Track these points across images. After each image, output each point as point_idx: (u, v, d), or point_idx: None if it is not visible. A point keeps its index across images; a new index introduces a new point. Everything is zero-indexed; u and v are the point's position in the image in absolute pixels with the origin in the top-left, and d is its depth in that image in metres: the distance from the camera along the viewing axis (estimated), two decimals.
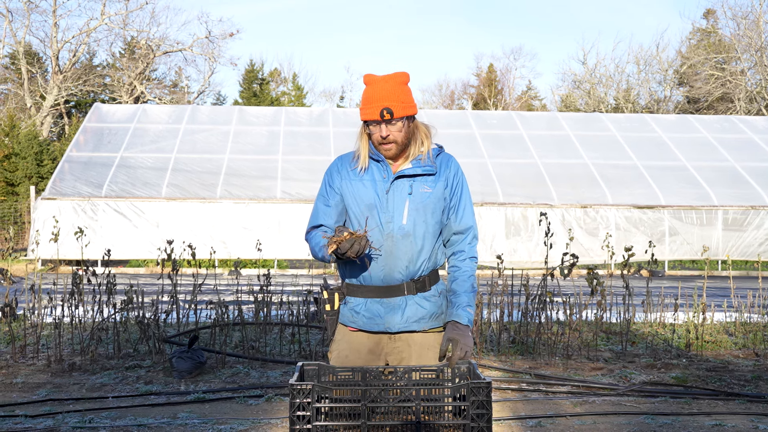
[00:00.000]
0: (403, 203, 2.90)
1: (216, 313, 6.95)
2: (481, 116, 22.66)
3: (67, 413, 4.96)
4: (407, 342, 2.94)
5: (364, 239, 2.68)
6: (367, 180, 2.93)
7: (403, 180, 2.92)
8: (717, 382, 5.96)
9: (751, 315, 8.30)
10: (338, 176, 2.99)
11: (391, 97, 2.83)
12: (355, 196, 2.93)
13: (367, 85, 2.91)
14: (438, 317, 2.98)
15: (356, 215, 2.93)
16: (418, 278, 2.93)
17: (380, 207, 2.90)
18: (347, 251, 2.66)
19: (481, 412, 2.38)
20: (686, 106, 39.68)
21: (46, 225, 15.91)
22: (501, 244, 17.04)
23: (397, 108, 2.83)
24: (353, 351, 2.95)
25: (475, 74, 52.09)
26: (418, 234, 2.90)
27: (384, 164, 2.93)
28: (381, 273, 2.89)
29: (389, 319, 2.91)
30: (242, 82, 43.38)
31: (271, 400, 5.33)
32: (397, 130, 2.87)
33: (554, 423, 4.84)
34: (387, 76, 2.91)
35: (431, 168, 2.93)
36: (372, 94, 2.86)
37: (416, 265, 2.91)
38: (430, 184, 2.93)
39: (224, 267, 16.44)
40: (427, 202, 2.91)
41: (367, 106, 2.86)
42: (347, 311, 2.98)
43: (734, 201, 18.01)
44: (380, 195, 2.90)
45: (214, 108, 25.55)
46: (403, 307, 2.91)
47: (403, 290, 2.91)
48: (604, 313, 7.24)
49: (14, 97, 36.65)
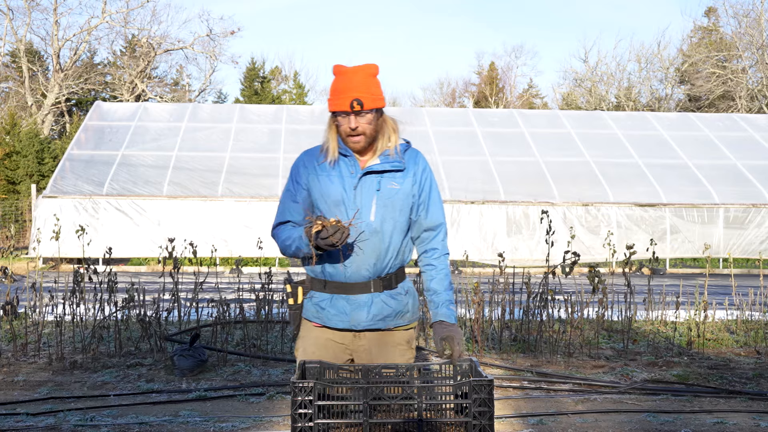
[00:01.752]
0: (370, 200, 2.86)
1: (217, 311, 6.95)
2: (483, 114, 22.64)
3: (68, 411, 4.96)
4: (372, 340, 2.92)
5: (347, 230, 2.65)
6: (335, 176, 2.88)
7: (372, 176, 2.87)
8: (718, 380, 5.95)
9: (752, 313, 8.29)
10: (305, 171, 2.94)
11: (362, 88, 2.79)
12: (322, 192, 2.88)
13: (337, 75, 2.85)
14: (403, 315, 2.96)
15: (323, 212, 2.89)
16: (385, 276, 2.91)
17: (348, 202, 2.85)
18: (330, 236, 2.63)
19: (483, 409, 2.38)
20: (687, 104, 39.64)
21: (48, 223, 15.90)
22: (502, 242, 17.03)
23: (367, 99, 2.78)
24: (319, 347, 2.91)
25: (477, 72, 52.10)
26: (386, 231, 2.86)
27: (352, 159, 2.88)
28: (348, 269, 2.86)
29: (355, 316, 2.88)
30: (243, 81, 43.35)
31: (273, 398, 5.33)
32: (366, 123, 2.82)
33: (556, 421, 4.84)
34: (357, 67, 2.86)
35: (400, 164, 2.90)
36: (342, 84, 2.81)
37: (384, 262, 2.88)
38: (398, 180, 2.89)
39: (226, 265, 16.45)
40: (395, 199, 2.88)
41: (337, 96, 2.81)
42: (312, 306, 2.95)
43: (736, 199, 17.99)
44: (348, 191, 2.86)
45: (215, 106, 25.54)
46: (369, 304, 2.88)
47: (369, 287, 2.88)
48: (606, 311, 7.24)
49: (15, 95, 36.66)
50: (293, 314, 2.98)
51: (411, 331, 3.02)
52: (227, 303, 7.03)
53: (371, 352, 2.92)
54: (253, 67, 43.15)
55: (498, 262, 7.71)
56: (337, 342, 2.93)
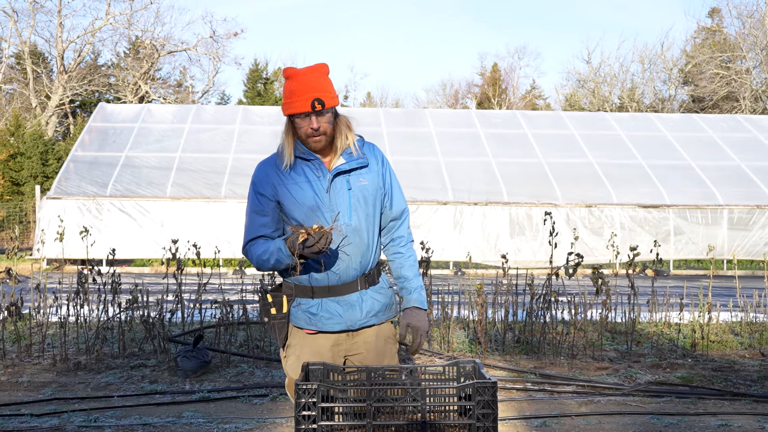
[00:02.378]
0: (345, 200, 2.86)
1: (221, 312, 6.95)
2: (486, 115, 22.64)
3: (72, 412, 4.97)
4: (366, 337, 2.95)
5: (330, 235, 2.65)
6: (303, 181, 2.86)
7: (341, 176, 2.88)
8: (723, 382, 5.94)
9: (757, 315, 8.27)
10: (268, 183, 2.90)
11: (320, 87, 2.79)
12: (295, 201, 2.85)
13: (291, 78, 2.83)
14: (390, 308, 3.01)
15: (298, 219, 2.85)
16: (369, 272, 2.92)
17: (323, 207, 2.84)
18: (315, 244, 2.62)
19: (486, 411, 2.38)
20: (691, 105, 39.58)
21: (51, 224, 15.93)
22: (505, 243, 17.02)
23: (326, 99, 2.78)
24: (314, 354, 2.90)
25: (479, 73, 52.11)
26: (365, 228, 2.88)
27: (317, 162, 2.87)
28: (337, 271, 2.86)
29: (349, 316, 2.89)
30: (246, 82, 43.40)
31: (276, 400, 5.33)
32: (327, 122, 2.82)
33: (559, 423, 4.83)
34: (310, 67, 2.86)
35: (363, 160, 2.91)
36: (299, 86, 2.79)
37: (367, 258, 2.90)
38: (365, 176, 2.91)
39: (229, 266, 16.46)
40: (367, 195, 2.90)
41: (295, 98, 2.78)
42: (301, 313, 2.91)
43: (740, 200, 17.96)
44: (320, 195, 2.85)
45: (218, 107, 25.58)
46: (360, 302, 2.90)
47: (356, 286, 2.90)
48: (609, 312, 7.23)
49: (19, 97, 36.75)
50: (279, 324, 2.94)
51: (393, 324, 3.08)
52: (230, 304, 7.03)
53: (366, 347, 2.94)
54: (256, 68, 43.20)
55: (501, 264, 7.71)
56: (332, 345, 2.93)
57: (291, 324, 2.96)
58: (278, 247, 2.79)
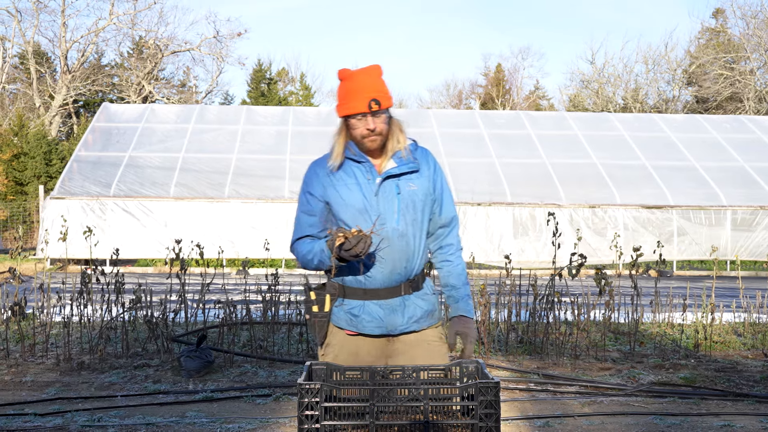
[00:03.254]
0: (393, 204, 2.84)
1: (224, 312, 6.96)
2: (489, 116, 22.63)
3: (76, 412, 4.98)
4: (407, 343, 2.91)
5: (370, 239, 2.64)
6: (352, 183, 2.85)
7: (390, 180, 2.86)
8: (726, 383, 5.93)
9: (760, 315, 8.26)
10: (318, 184, 2.90)
11: (376, 88, 2.79)
12: (344, 202, 2.85)
13: (346, 79, 2.83)
14: (433, 314, 2.97)
15: (345, 221, 2.84)
16: (413, 278, 2.90)
17: (371, 210, 2.82)
18: (353, 248, 2.61)
19: (489, 411, 2.38)
20: (695, 106, 39.52)
21: (55, 224, 15.97)
22: (509, 243, 17.02)
23: (383, 99, 2.78)
24: (352, 355, 2.89)
25: (483, 74, 52.04)
26: (411, 233, 2.85)
27: (367, 165, 2.86)
28: (380, 275, 2.84)
29: (391, 321, 2.87)
30: (250, 82, 43.44)
31: (279, 400, 5.34)
32: (382, 122, 2.81)
33: (562, 423, 4.83)
34: (365, 68, 2.86)
35: (415, 165, 2.88)
36: (355, 86, 2.79)
37: (412, 264, 2.87)
38: (415, 181, 2.88)
39: (232, 266, 16.46)
40: (416, 200, 2.87)
41: (352, 99, 2.78)
42: (343, 314, 2.90)
43: (743, 201, 17.94)
44: (369, 197, 2.83)
45: (222, 108, 25.61)
46: (403, 308, 2.88)
47: (400, 291, 2.88)
48: (613, 313, 7.23)
49: (23, 97, 36.82)
50: (320, 322, 2.92)
51: (440, 328, 3.02)
52: (234, 304, 7.05)
53: (407, 354, 2.90)
54: (260, 68, 43.24)
55: (504, 264, 7.71)
56: (371, 348, 2.91)
57: (332, 323, 2.94)
58: (321, 248, 2.78)
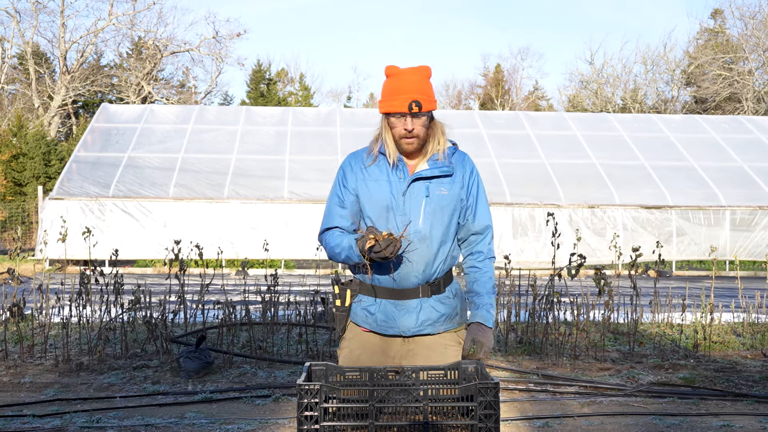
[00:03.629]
0: (419, 205, 2.83)
1: (223, 313, 6.96)
2: (489, 116, 22.64)
3: (74, 413, 4.98)
4: (421, 345, 2.90)
5: (399, 243, 2.63)
6: (383, 180, 2.85)
7: (420, 182, 2.85)
8: (725, 383, 5.93)
9: (759, 315, 8.27)
10: (352, 176, 2.90)
11: (419, 89, 2.77)
12: (371, 198, 2.85)
13: (392, 76, 2.83)
14: (452, 319, 2.94)
15: (371, 217, 2.86)
16: (434, 281, 2.89)
17: (396, 209, 2.83)
18: (383, 250, 2.61)
19: (488, 412, 2.38)
20: (694, 106, 39.55)
21: (54, 225, 15.97)
22: (508, 244, 17.02)
23: (425, 102, 2.76)
24: (366, 351, 2.90)
25: (483, 74, 52.09)
26: (435, 237, 2.84)
27: (400, 164, 2.85)
28: (397, 275, 2.83)
29: (403, 321, 2.86)
30: (249, 83, 43.45)
31: (279, 401, 5.34)
32: (421, 125, 2.80)
33: (562, 423, 4.83)
34: (413, 68, 2.84)
35: (448, 169, 2.87)
36: (399, 85, 2.77)
37: (432, 268, 2.86)
38: (446, 185, 2.87)
39: (231, 267, 16.46)
40: (444, 205, 2.85)
41: (394, 97, 2.77)
42: (360, 310, 2.92)
43: (742, 201, 17.95)
44: (396, 197, 2.83)
45: (221, 108, 25.60)
46: (418, 310, 2.87)
47: (418, 293, 2.86)
48: (612, 313, 7.23)
49: (22, 98, 36.81)
50: (340, 316, 2.95)
51: (462, 331, 3.00)
52: (233, 305, 7.04)
53: (421, 356, 2.89)
54: (259, 69, 43.25)
55: (504, 265, 7.71)
56: (386, 347, 2.91)
57: (350, 319, 2.96)
58: (350, 244, 2.78)
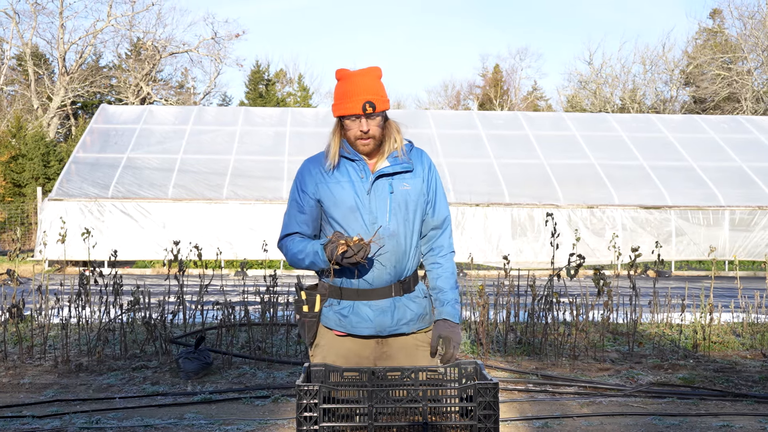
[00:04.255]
0: (385, 203, 2.84)
1: (222, 313, 6.96)
2: (487, 117, 22.64)
3: (74, 414, 4.97)
4: (395, 345, 2.91)
5: (369, 247, 2.65)
6: (345, 181, 2.85)
7: (383, 179, 2.86)
8: (725, 383, 5.93)
9: (758, 315, 8.27)
10: (311, 180, 2.90)
11: (372, 90, 2.79)
12: (335, 200, 2.85)
13: (343, 79, 2.84)
14: (423, 318, 2.95)
15: (337, 219, 2.85)
16: (405, 279, 2.89)
17: (362, 208, 2.83)
18: (354, 256, 2.63)
19: (488, 413, 2.38)
20: (692, 106, 39.57)
21: (53, 226, 15.96)
22: (507, 244, 17.02)
23: (378, 102, 2.78)
24: (340, 357, 2.87)
25: (481, 75, 52.06)
26: (402, 233, 2.85)
27: (360, 163, 2.86)
28: (370, 275, 2.84)
29: (379, 321, 2.86)
30: (248, 83, 43.43)
31: (278, 401, 5.33)
32: (376, 125, 2.81)
33: (561, 424, 4.83)
34: (363, 70, 2.86)
35: (409, 165, 2.89)
36: (351, 88, 2.79)
37: (402, 265, 2.87)
38: (408, 181, 2.89)
39: (230, 268, 16.46)
40: (408, 200, 2.87)
41: (347, 100, 2.79)
42: (332, 314, 2.89)
43: (741, 201, 17.96)
44: (361, 196, 2.84)
45: (220, 109, 25.59)
46: (392, 309, 2.86)
47: (390, 292, 2.87)
48: (611, 313, 7.23)
49: (21, 99, 36.80)
50: (309, 322, 2.91)
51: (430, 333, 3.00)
52: (232, 306, 7.04)
53: (396, 357, 2.90)
54: (258, 70, 43.23)
55: (503, 265, 7.71)
56: (360, 349, 2.90)
57: (321, 324, 2.93)
58: (315, 250, 2.78)
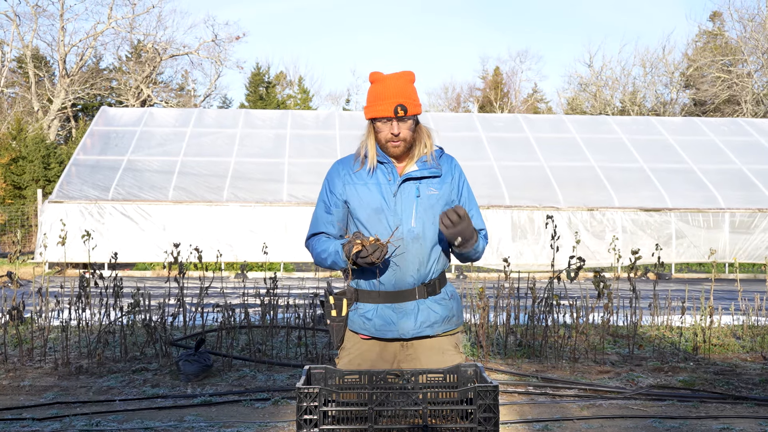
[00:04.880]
0: (411, 206, 2.86)
1: (222, 316, 6.96)
2: (487, 119, 22.64)
3: (74, 416, 4.97)
4: (420, 348, 2.91)
5: (386, 248, 2.67)
6: (372, 183, 2.88)
7: (410, 182, 2.88)
8: (725, 386, 5.93)
9: (758, 318, 8.27)
10: (340, 181, 2.94)
11: (404, 94, 2.82)
12: (362, 201, 2.88)
13: (376, 82, 2.87)
14: (449, 320, 2.95)
15: (362, 220, 2.88)
16: (429, 282, 2.90)
17: (388, 210, 2.85)
18: (369, 256, 2.64)
19: (488, 415, 2.38)
20: (692, 109, 39.58)
21: (54, 228, 15.96)
22: (507, 246, 17.02)
23: (410, 105, 2.82)
24: (365, 360, 2.90)
25: (481, 77, 52.11)
26: (428, 237, 2.86)
27: (389, 166, 2.89)
28: (392, 278, 2.85)
29: (403, 325, 2.87)
30: (248, 86, 43.44)
31: (278, 404, 5.33)
32: (407, 128, 2.85)
33: (561, 426, 4.83)
34: (397, 74, 2.89)
35: (437, 170, 2.91)
36: (383, 90, 2.82)
37: (427, 268, 2.88)
38: (436, 185, 2.90)
39: (231, 270, 16.46)
40: (435, 204, 2.88)
41: (379, 102, 2.82)
42: (357, 318, 2.92)
43: (741, 203, 17.95)
44: (387, 198, 2.86)
45: (220, 111, 25.61)
46: (416, 312, 2.87)
47: (414, 294, 2.87)
48: (611, 316, 7.22)
49: (22, 101, 36.83)
50: (337, 326, 2.94)
51: (458, 335, 3.01)
52: (232, 308, 7.04)
53: (420, 360, 2.90)
54: (258, 72, 43.25)
55: (503, 267, 7.71)
56: (384, 352, 2.91)
57: (348, 327, 2.96)
58: (336, 250, 2.81)
